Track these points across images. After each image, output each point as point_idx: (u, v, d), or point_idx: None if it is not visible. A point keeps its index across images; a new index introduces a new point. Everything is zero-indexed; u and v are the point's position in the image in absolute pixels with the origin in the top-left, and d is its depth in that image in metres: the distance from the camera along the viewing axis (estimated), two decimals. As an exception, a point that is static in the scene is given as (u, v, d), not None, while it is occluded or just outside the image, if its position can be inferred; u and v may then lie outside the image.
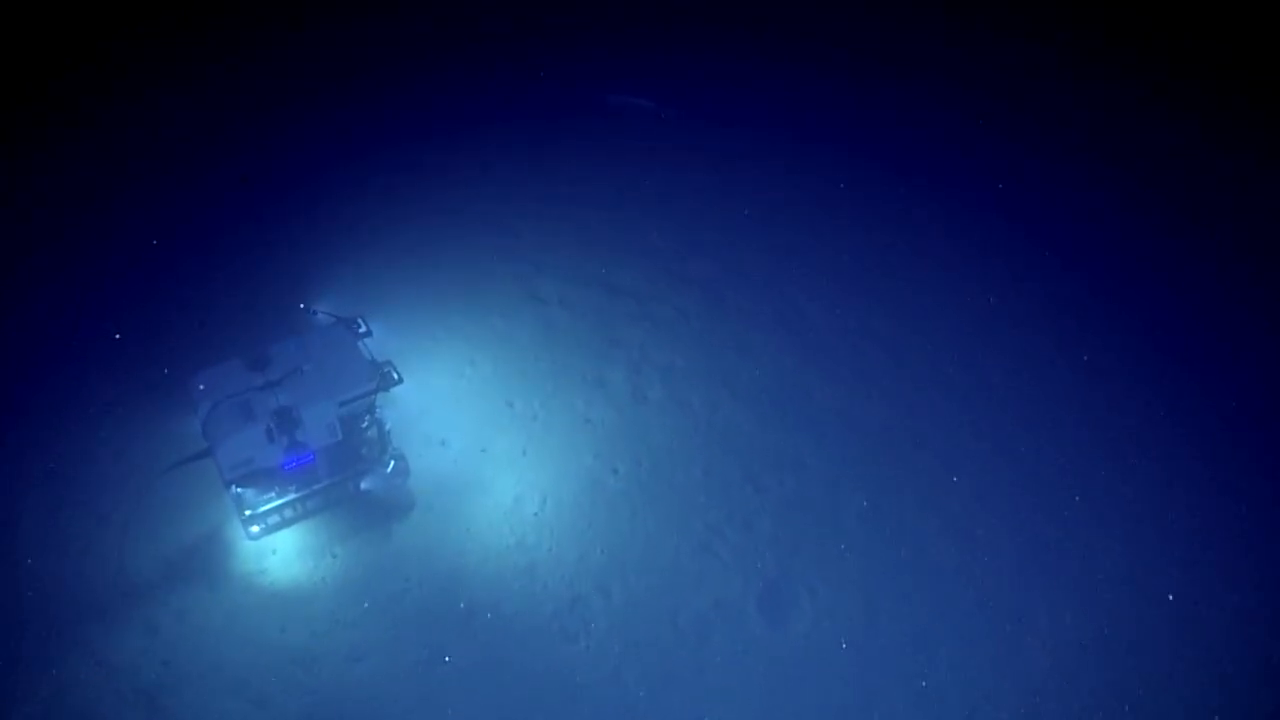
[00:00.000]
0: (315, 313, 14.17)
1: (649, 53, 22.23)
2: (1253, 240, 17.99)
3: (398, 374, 12.94)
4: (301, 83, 20.67)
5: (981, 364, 15.77)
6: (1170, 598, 12.96)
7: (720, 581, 13.00)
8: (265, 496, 12.75)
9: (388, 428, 13.36)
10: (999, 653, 12.43)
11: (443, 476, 13.85)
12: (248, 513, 12.65)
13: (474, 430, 14.43)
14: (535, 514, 13.52)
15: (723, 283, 16.94)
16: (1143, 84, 21.42)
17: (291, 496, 12.86)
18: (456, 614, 12.46)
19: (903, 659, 12.38)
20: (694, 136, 20.05)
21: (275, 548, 12.94)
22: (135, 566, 12.65)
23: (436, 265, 16.78)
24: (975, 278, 17.24)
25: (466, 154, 19.16)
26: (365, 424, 13.08)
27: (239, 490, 12.48)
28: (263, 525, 12.80)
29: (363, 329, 13.38)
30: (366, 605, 12.48)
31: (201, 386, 12.31)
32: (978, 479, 14.18)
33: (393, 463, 13.38)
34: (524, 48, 22.13)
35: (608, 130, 20.03)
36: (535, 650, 12.21)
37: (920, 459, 14.40)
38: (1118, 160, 19.73)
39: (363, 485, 13.38)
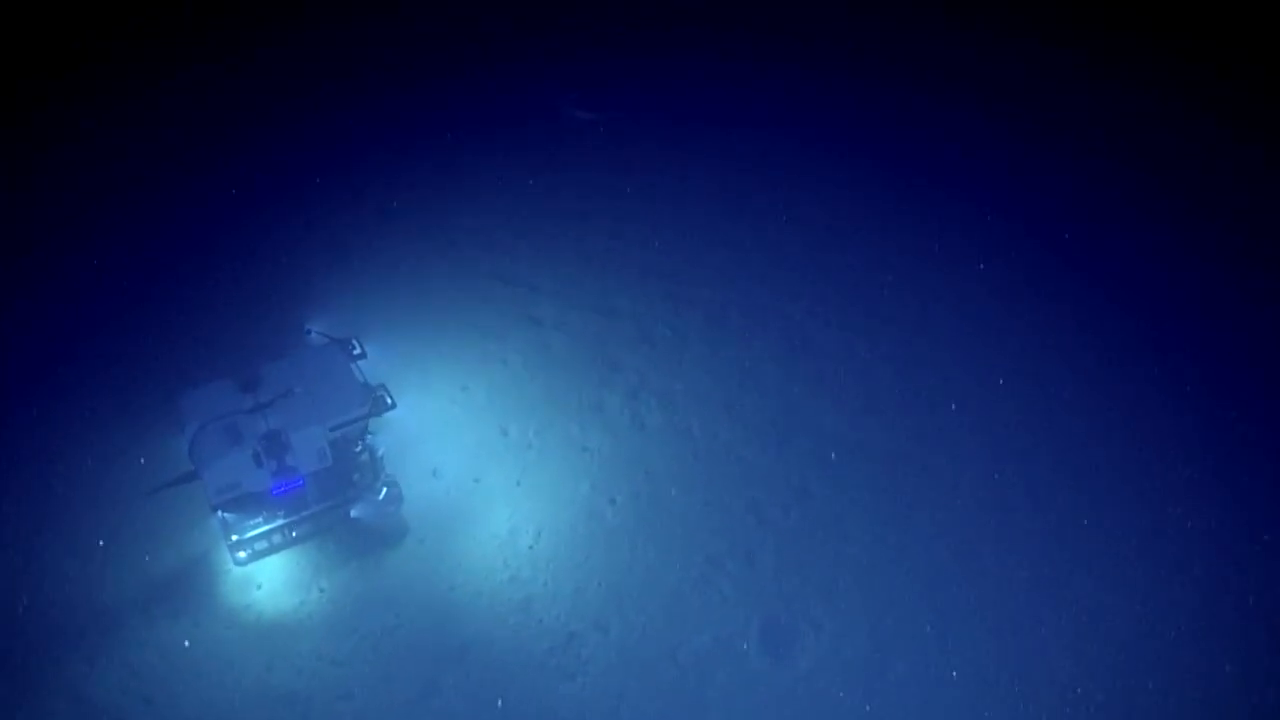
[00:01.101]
0: (309, 332, 14.20)
1: (649, 58, 22.29)
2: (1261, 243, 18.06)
3: (391, 398, 12.95)
4: (301, 84, 20.82)
5: (995, 389, 15.77)
6: (1192, 634, 12.88)
7: (722, 616, 12.96)
8: (253, 521, 12.73)
9: (380, 453, 13.36)
10: (1012, 691, 12.38)
11: (434, 507, 13.83)
12: (234, 538, 12.61)
13: (467, 459, 14.41)
14: (530, 546, 13.49)
15: (725, 305, 16.97)
16: (1156, 85, 21.52)
17: (280, 522, 12.83)
18: (449, 651, 12.40)
19: (911, 697, 12.33)
20: (693, 153, 20.10)
21: (261, 582, 12.90)
22: (116, 597, 12.60)
23: (428, 285, 16.82)
24: (989, 297, 17.26)
25: (460, 169, 19.22)
26: (359, 449, 13.07)
27: (225, 515, 12.46)
28: (250, 551, 12.75)
29: (357, 350, 13.41)
30: (356, 641, 12.43)
31: (189, 407, 12.29)
32: (991, 509, 14.17)
33: (385, 489, 13.35)
34: (522, 57, 22.20)
35: (606, 146, 20.09)
36: (530, 688, 12.16)
37: (930, 488, 14.40)
38: (1138, 167, 19.76)
39: (353, 513, 13.33)
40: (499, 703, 12.01)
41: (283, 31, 22.02)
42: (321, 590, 12.87)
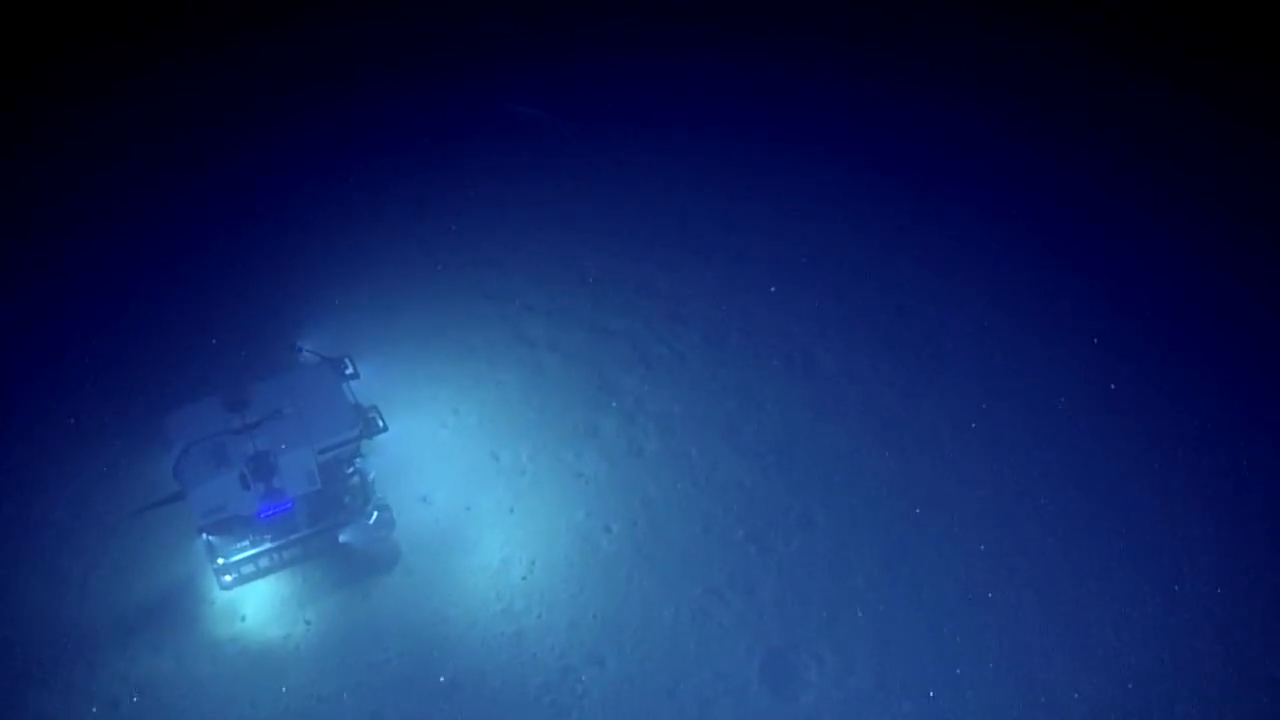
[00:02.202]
0: (300, 351, 14.12)
1: (644, 60, 22.24)
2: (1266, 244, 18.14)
3: (383, 420, 12.89)
4: (295, 92, 20.85)
5: (1003, 412, 15.77)
6: (1210, 663, 12.86)
7: (721, 650, 12.94)
8: (239, 545, 12.68)
9: (371, 476, 13.31)
10: (1022, 728, 12.36)
11: (424, 536, 13.76)
12: (220, 561, 12.55)
13: (458, 485, 14.35)
14: (523, 577, 13.42)
15: (724, 324, 16.94)
16: (1160, 85, 21.59)
17: (267, 546, 12.79)
18: (439, 686, 12.34)
19: (916, 736, 12.29)
20: (691, 163, 20.05)
21: (245, 613, 12.81)
22: (94, 631, 12.50)
23: (420, 303, 16.76)
24: (1000, 316, 17.24)
25: (450, 182, 19.15)
26: (349, 471, 13.02)
27: (210, 538, 12.40)
28: (236, 575, 12.71)
29: (349, 371, 13.35)
30: (343, 677, 12.34)
31: (175, 426, 12.22)
32: (999, 538, 14.17)
33: (375, 514, 13.29)
34: (512, 62, 22.15)
35: (601, 159, 20.02)
36: (524, 725, 12.09)
37: (937, 517, 14.40)
38: (1148, 171, 19.79)
39: (342, 537, 13.26)
40: (491, 741, 11.97)
41: (281, 30, 22.01)
42: (308, 623, 12.79)
